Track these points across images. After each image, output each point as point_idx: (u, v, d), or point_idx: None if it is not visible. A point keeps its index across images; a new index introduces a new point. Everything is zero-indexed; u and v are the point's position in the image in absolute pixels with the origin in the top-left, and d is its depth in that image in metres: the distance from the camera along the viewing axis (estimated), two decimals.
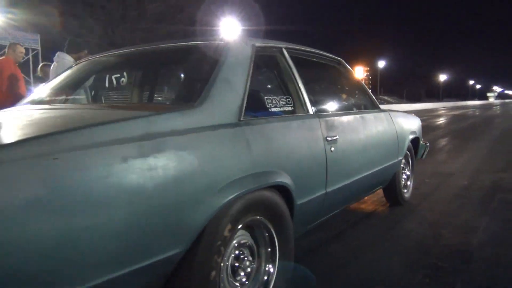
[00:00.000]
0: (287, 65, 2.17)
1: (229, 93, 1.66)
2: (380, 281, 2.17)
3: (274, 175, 1.69)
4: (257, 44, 1.99)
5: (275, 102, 1.98)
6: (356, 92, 3.14)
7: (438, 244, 2.69)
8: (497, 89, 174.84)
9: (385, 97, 78.29)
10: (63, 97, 2.13)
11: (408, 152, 3.68)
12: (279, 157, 1.78)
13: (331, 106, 2.64)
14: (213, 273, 1.40)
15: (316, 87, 2.90)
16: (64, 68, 4.27)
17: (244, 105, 1.69)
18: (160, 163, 1.23)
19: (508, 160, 6.19)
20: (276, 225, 1.74)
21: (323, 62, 2.73)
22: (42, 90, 2.26)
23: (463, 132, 11.96)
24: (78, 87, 2.44)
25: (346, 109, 2.77)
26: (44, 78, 5.54)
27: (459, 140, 9.34)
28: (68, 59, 4.44)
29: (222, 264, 1.46)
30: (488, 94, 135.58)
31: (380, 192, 3.73)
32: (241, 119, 1.65)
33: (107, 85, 2.50)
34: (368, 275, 2.24)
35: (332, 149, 2.15)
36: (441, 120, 18.65)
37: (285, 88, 2.15)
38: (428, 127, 14.18)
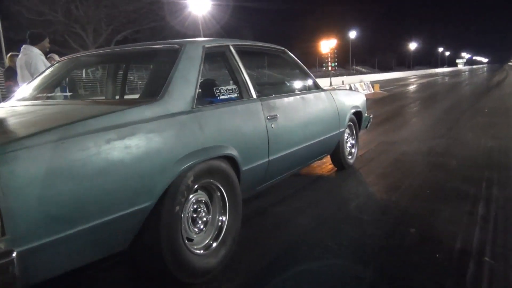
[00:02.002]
0: (233, 59, 2.68)
1: (184, 88, 2.17)
2: (314, 232, 2.71)
3: (222, 148, 2.23)
4: (207, 45, 2.49)
5: (223, 91, 2.50)
6: (299, 76, 3.68)
7: (367, 200, 3.32)
8: (465, 55, 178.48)
9: (358, 68, 79.13)
10: (53, 94, 2.59)
11: (352, 123, 4.29)
12: (227, 134, 2.32)
13: (274, 90, 3.18)
14: (175, 220, 1.95)
15: (261, 75, 3.43)
16: (34, 60, 4.62)
17: (196, 96, 2.21)
18: (133, 143, 1.75)
19: (449, 126, 6.96)
20: (225, 186, 2.29)
21: (268, 52, 3.26)
22: (33, 87, 2.70)
23: (424, 101, 12.80)
24: (61, 83, 2.89)
25: (287, 92, 3.31)
26: (12, 67, 5.74)
27: (418, 108, 10.14)
28: (35, 51, 4.77)
29: (182, 214, 2.01)
30: (457, 61, 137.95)
31: (327, 160, 4.35)
32: (194, 107, 2.17)
33: (84, 76, 2.96)
34: (306, 228, 2.78)
35: (273, 125, 2.70)
36: (408, 89, 19.48)
37: (233, 78, 2.67)
38: (393, 97, 14.99)
